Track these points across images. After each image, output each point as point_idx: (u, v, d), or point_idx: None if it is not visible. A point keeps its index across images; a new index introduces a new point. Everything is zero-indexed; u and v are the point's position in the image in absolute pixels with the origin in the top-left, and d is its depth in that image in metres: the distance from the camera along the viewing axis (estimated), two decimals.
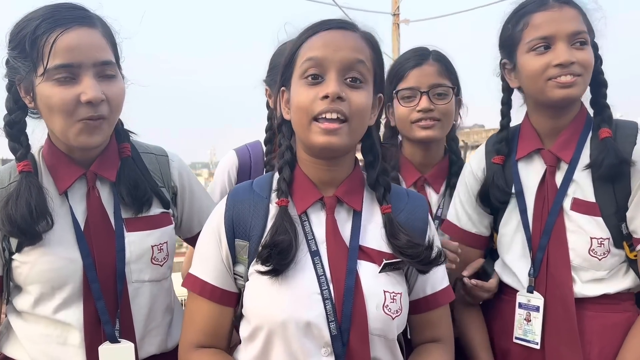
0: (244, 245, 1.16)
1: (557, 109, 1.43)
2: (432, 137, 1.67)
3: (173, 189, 1.44)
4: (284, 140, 1.21)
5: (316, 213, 1.18)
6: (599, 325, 1.39)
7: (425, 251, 1.14)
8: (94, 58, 1.21)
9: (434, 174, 1.73)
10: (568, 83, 1.35)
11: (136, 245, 1.31)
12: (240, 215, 1.17)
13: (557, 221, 1.41)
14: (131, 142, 1.40)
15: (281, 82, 1.18)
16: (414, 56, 1.68)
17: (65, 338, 1.26)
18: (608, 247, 1.37)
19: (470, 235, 1.58)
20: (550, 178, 1.44)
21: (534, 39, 1.39)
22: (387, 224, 1.16)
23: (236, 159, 1.83)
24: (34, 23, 1.20)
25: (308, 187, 1.17)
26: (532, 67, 1.39)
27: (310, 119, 1.09)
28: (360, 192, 1.21)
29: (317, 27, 1.14)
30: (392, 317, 1.12)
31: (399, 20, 10.75)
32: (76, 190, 1.30)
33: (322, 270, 1.11)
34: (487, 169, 1.55)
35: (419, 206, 1.24)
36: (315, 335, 1.09)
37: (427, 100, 1.64)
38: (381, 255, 1.15)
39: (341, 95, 1.07)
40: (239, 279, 1.19)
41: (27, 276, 1.25)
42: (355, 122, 1.11)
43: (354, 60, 1.10)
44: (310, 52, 1.10)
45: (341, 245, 1.15)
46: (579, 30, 1.36)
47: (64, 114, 1.20)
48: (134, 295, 1.31)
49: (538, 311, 1.41)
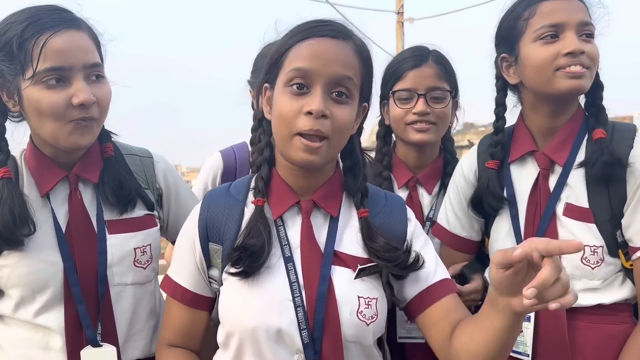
0: (217, 249, 1.15)
1: (558, 105, 1.37)
2: (427, 141, 1.64)
3: (158, 191, 1.43)
4: (263, 137, 1.19)
5: (292, 217, 1.16)
6: (593, 337, 1.33)
7: (403, 255, 1.11)
8: (84, 60, 1.20)
9: (427, 175, 1.70)
10: (578, 73, 1.28)
11: (118, 248, 1.29)
12: (214, 219, 1.16)
13: (549, 227, 1.35)
14: (114, 143, 1.39)
15: (265, 79, 1.16)
16: (412, 56, 1.65)
17: (47, 342, 1.25)
18: (602, 256, 1.31)
19: (459, 239, 1.55)
20: (544, 182, 1.39)
21: (543, 26, 1.32)
22: (363, 228, 1.14)
23: (221, 161, 1.82)
24: (19, 26, 1.18)
25: (284, 191, 1.15)
26: (540, 57, 1.32)
27: (292, 133, 1.06)
28: (339, 196, 1.18)
29: (309, 32, 1.09)
30: (366, 322, 1.09)
31: (403, 19, 10.72)
32: (58, 193, 1.29)
33: (294, 277, 1.09)
34: (479, 172, 1.51)
35: (397, 208, 1.21)
36: (287, 343, 1.07)
37: (423, 103, 1.61)
38: (356, 260, 1.13)
39: (325, 113, 1.05)
40: (214, 282, 1.17)
41: (8, 279, 1.24)
42: (335, 139, 1.08)
43: (342, 77, 1.07)
44: (298, 61, 1.07)
45: (315, 250, 1.12)
46: (588, 21, 1.31)
47: (55, 117, 1.19)
48: (117, 299, 1.29)
49: (529, 321, 1.36)
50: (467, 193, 1.52)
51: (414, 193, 1.68)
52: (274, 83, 1.12)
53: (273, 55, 1.14)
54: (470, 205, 1.50)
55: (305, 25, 1.11)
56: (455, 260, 1.55)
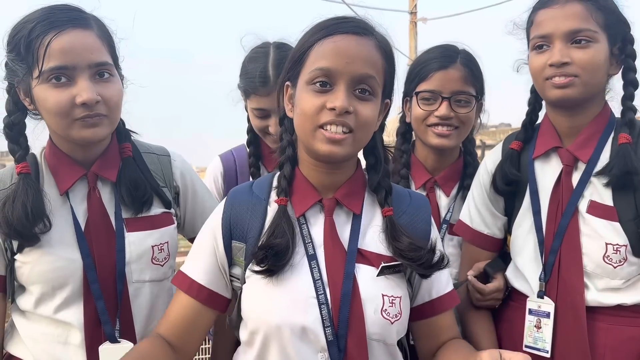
0: (240, 247, 1.14)
1: (566, 109, 1.38)
2: (446, 146, 1.61)
3: (175, 189, 1.44)
4: (285, 136, 1.18)
5: (315, 215, 1.15)
6: (613, 339, 1.31)
7: (427, 254, 1.11)
8: (89, 60, 1.21)
9: (446, 176, 1.67)
10: (562, 84, 1.31)
11: (136, 246, 1.30)
12: (237, 217, 1.15)
13: (570, 223, 1.34)
14: (133, 141, 1.40)
15: (286, 77, 1.16)
16: (440, 57, 1.60)
17: (66, 337, 1.27)
18: (625, 255, 1.29)
19: (482, 236, 1.53)
20: (566, 178, 1.38)
21: (534, 37, 1.36)
22: (388, 227, 1.13)
23: (221, 165, 1.83)
24: (29, 25, 1.20)
25: (307, 189, 1.15)
26: (533, 66, 1.37)
27: (315, 127, 1.07)
28: (361, 194, 1.18)
29: (331, 29, 1.09)
30: (390, 321, 1.09)
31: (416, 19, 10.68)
32: (77, 191, 1.31)
33: (318, 275, 1.09)
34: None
35: (422, 207, 1.20)
36: (311, 340, 1.06)
37: (447, 107, 1.57)
38: (380, 258, 1.12)
39: (349, 109, 1.05)
40: (236, 281, 1.17)
41: (29, 276, 1.25)
42: (360, 133, 1.08)
43: (365, 75, 1.07)
44: (320, 60, 1.07)
45: (339, 248, 1.12)
46: (578, 29, 1.30)
47: (60, 116, 1.21)
48: (135, 296, 1.30)
49: (549, 317, 1.35)
50: (490, 188, 1.50)
51: (431, 195, 1.66)
52: (296, 81, 1.12)
53: (295, 53, 1.13)
54: (491, 187, 1.48)
55: (327, 23, 1.11)
56: (477, 257, 1.53)
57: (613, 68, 1.37)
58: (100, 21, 1.28)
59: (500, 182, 1.45)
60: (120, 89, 1.29)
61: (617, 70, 1.38)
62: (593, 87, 1.33)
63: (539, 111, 1.50)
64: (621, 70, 1.38)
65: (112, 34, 1.30)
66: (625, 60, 1.37)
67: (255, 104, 1.68)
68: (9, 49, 1.23)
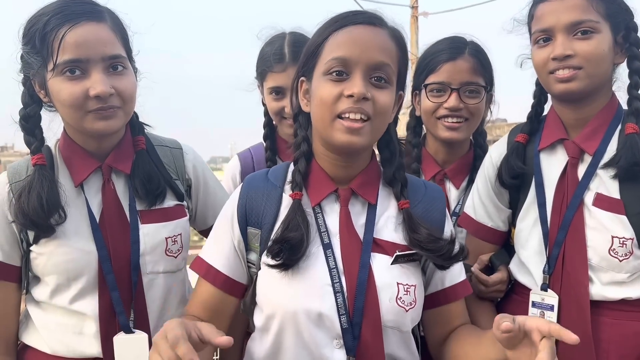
0: (256, 234, 1.16)
1: (570, 102, 1.37)
2: (456, 139, 1.62)
3: (187, 182, 1.45)
4: (300, 131, 1.20)
5: (330, 205, 1.17)
6: (617, 334, 1.31)
7: (448, 245, 1.12)
8: (103, 52, 1.22)
9: (455, 169, 1.68)
10: (566, 77, 1.31)
11: (150, 237, 1.32)
12: (253, 203, 1.17)
13: (575, 216, 1.34)
14: (146, 134, 1.41)
15: (301, 73, 1.17)
16: (448, 48, 1.61)
17: (81, 328, 1.28)
18: (631, 248, 1.29)
19: (485, 228, 1.54)
20: (572, 170, 1.37)
21: (536, 31, 1.36)
22: (405, 219, 1.15)
23: (239, 164, 1.86)
24: (44, 18, 1.21)
25: (323, 179, 1.17)
26: (535, 60, 1.36)
27: (333, 116, 1.08)
28: (376, 185, 1.19)
29: (345, 21, 1.11)
30: (405, 309, 1.11)
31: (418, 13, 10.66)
32: (92, 183, 1.32)
33: (334, 264, 1.11)
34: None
35: (437, 198, 1.22)
36: (327, 327, 1.09)
37: (456, 99, 1.58)
38: (395, 247, 1.14)
39: (366, 95, 1.06)
40: (252, 267, 1.19)
41: (44, 267, 1.27)
42: (377, 121, 1.10)
43: (381, 63, 1.08)
44: (336, 50, 1.08)
45: (354, 238, 1.14)
46: (580, 20, 1.29)
47: (74, 108, 1.22)
48: (149, 287, 1.32)
49: (552, 310, 1.35)
50: (495, 181, 1.51)
51: (441, 187, 1.67)
52: (312, 75, 1.13)
53: (309, 47, 1.15)
54: (497, 181, 1.49)
55: (340, 16, 1.13)
56: (480, 250, 1.55)
57: (618, 57, 1.36)
58: (114, 14, 1.29)
59: (506, 175, 1.46)
60: (134, 81, 1.30)
61: (622, 59, 1.37)
62: (598, 78, 1.32)
63: (544, 103, 1.50)
64: (626, 58, 1.38)
65: (125, 27, 1.31)
66: (629, 49, 1.36)
67: (271, 82, 1.72)
68: (24, 42, 1.24)
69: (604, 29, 1.31)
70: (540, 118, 1.50)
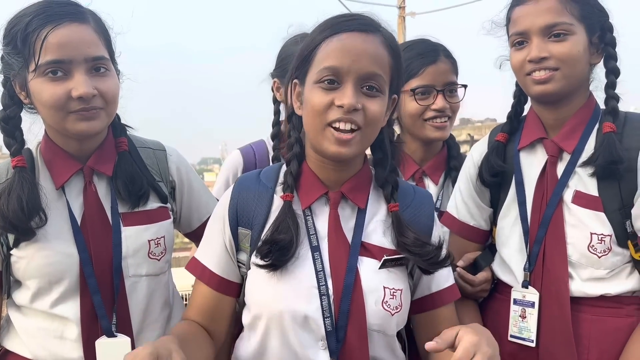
0: (246, 234, 1.17)
1: (551, 102, 1.40)
2: (445, 138, 1.69)
3: (171, 184, 1.44)
4: (293, 132, 1.20)
5: (320, 208, 1.18)
6: (598, 330, 1.33)
7: (435, 250, 1.13)
8: (85, 54, 1.21)
9: (433, 166, 1.73)
10: (542, 79, 1.33)
11: (133, 240, 1.31)
12: (244, 204, 1.18)
13: (555, 213, 1.37)
14: (128, 136, 1.40)
15: (294, 75, 1.17)
16: (426, 52, 1.66)
17: (63, 332, 1.27)
18: (609, 245, 1.32)
19: (468, 227, 1.56)
20: (551, 168, 1.40)
21: (512, 34, 1.39)
22: (394, 222, 1.16)
23: (241, 159, 1.85)
24: (26, 19, 1.20)
25: (314, 182, 1.17)
26: (513, 63, 1.40)
27: (324, 124, 1.09)
28: (367, 189, 1.20)
29: (338, 27, 1.10)
30: (391, 313, 1.12)
31: (405, 13, 10.70)
32: (73, 185, 1.31)
33: (321, 266, 1.12)
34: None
35: (425, 202, 1.23)
36: (312, 329, 1.10)
37: (442, 100, 1.64)
38: (383, 251, 1.15)
39: (357, 106, 1.07)
40: (242, 266, 1.20)
41: (25, 271, 1.26)
42: (368, 130, 1.11)
43: (372, 73, 1.09)
44: (328, 59, 1.08)
45: (343, 241, 1.15)
46: (554, 22, 1.32)
47: (55, 109, 1.21)
48: (131, 290, 1.31)
49: (533, 307, 1.37)
50: (476, 180, 1.53)
51: (420, 184, 1.71)
52: (304, 79, 1.13)
53: (302, 51, 1.15)
54: (478, 180, 1.51)
55: (333, 21, 1.12)
56: (463, 249, 1.56)
57: (594, 57, 1.39)
58: (97, 15, 1.28)
59: (487, 174, 1.48)
60: (117, 83, 1.29)
61: (598, 59, 1.40)
62: (574, 78, 1.35)
63: (524, 104, 1.53)
64: (603, 58, 1.40)
65: (108, 28, 1.30)
66: (605, 49, 1.39)
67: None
68: (5, 42, 1.23)
69: (578, 31, 1.34)
70: (520, 118, 1.53)
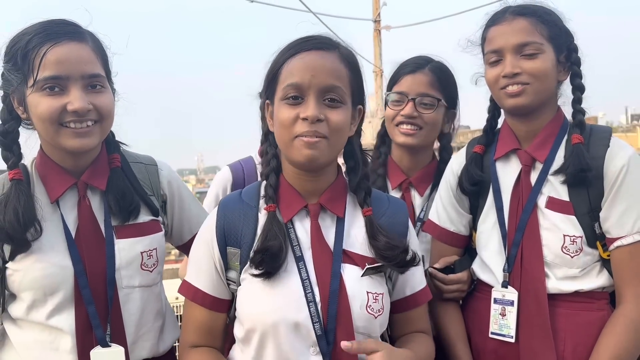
0: (235, 253, 1.22)
1: (523, 115, 1.49)
2: (411, 144, 1.74)
3: (162, 197, 1.48)
4: (270, 149, 1.28)
5: (301, 220, 1.24)
6: (572, 323, 1.42)
7: (401, 254, 1.21)
8: (82, 71, 1.26)
9: (420, 177, 1.79)
10: (514, 92, 1.44)
11: (126, 252, 1.34)
12: (231, 224, 1.23)
13: (530, 218, 1.46)
14: (121, 152, 1.44)
15: (266, 96, 1.25)
16: (412, 63, 1.76)
17: (58, 343, 1.29)
18: (581, 245, 1.42)
19: (448, 233, 1.64)
20: (525, 177, 1.50)
21: (487, 52, 1.49)
22: (367, 226, 1.23)
23: (230, 175, 1.91)
24: (26, 37, 1.25)
25: (293, 196, 1.24)
26: (488, 78, 1.50)
27: (292, 137, 1.16)
28: (343, 198, 1.27)
29: (297, 48, 1.20)
30: (375, 316, 1.19)
31: (380, 27, 10.86)
32: (68, 199, 1.34)
33: (306, 275, 1.18)
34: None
35: (400, 211, 1.31)
36: (304, 336, 1.15)
37: (411, 107, 1.71)
38: (364, 259, 1.22)
39: (320, 117, 1.14)
40: (232, 284, 1.25)
41: (20, 283, 1.28)
42: (334, 139, 1.18)
43: (331, 85, 1.17)
44: (290, 77, 1.17)
45: (326, 250, 1.21)
46: (526, 42, 1.43)
47: (51, 122, 1.25)
48: (125, 301, 1.34)
49: (512, 305, 1.46)
50: (456, 189, 1.62)
51: (406, 194, 1.78)
52: (273, 98, 1.22)
53: (268, 73, 1.23)
54: (458, 189, 1.60)
55: (293, 43, 1.22)
56: (444, 253, 1.64)
57: (561, 74, 1.50)
58: (95, 36, 1.33)
59: (466, 183, 1.57)
60: (112, 99, 1.33)
61: (565, 76, 1.52)
62: (544, 93, 1.46)
63: (498, 118, 1.64)
64: (569, 76, 1.52)
65: (106, 48, 1.35)
66: (571, 67, 1.51)
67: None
68: (6, 60, 1.27)
69: (547, 50, 1.45)
70: (494, 130, 1.63)
